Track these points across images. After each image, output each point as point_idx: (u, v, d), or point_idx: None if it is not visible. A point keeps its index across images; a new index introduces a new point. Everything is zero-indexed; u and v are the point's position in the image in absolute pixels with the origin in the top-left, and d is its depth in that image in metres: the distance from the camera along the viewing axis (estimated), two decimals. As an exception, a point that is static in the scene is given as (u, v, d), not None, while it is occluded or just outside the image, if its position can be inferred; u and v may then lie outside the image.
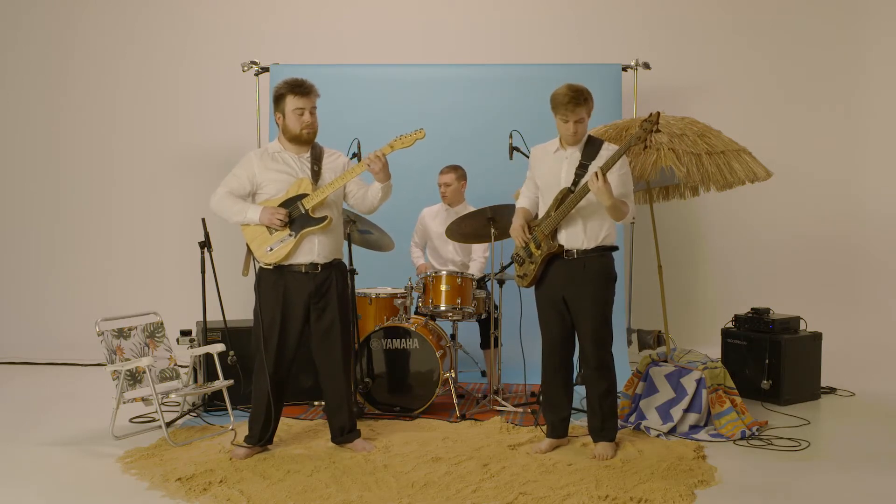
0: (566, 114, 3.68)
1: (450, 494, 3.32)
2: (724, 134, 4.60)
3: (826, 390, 5.22)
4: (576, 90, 3.67)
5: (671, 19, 7.13)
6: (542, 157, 3.91)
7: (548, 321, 3.89)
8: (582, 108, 3.68)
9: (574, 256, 3.77)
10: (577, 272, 3.76)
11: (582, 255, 3.76)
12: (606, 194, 3.56)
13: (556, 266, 3.82)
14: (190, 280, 5.44)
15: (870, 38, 7.12)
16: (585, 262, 3.76)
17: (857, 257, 7.19)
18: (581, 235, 3.76)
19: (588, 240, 3.76)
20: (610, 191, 3.56)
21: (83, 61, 7.36)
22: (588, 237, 3.76)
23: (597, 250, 3.77)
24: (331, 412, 3.99)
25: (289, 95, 3.78)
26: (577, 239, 3.77)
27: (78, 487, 3.48)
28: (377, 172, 3.79)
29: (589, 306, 3.76)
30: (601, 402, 3.85)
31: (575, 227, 3.77)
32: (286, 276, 3.82)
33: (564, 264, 3.79)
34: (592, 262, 3.76)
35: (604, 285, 3.79)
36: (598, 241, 3.77)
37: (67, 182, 7.41)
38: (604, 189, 3.54)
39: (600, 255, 3.78)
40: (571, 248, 3.77)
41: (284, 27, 7.17)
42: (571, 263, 3.78)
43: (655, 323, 6.46)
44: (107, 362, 4.22)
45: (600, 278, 3.77)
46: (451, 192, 5.34)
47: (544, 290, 3.88)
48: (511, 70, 6.46)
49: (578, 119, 3.69)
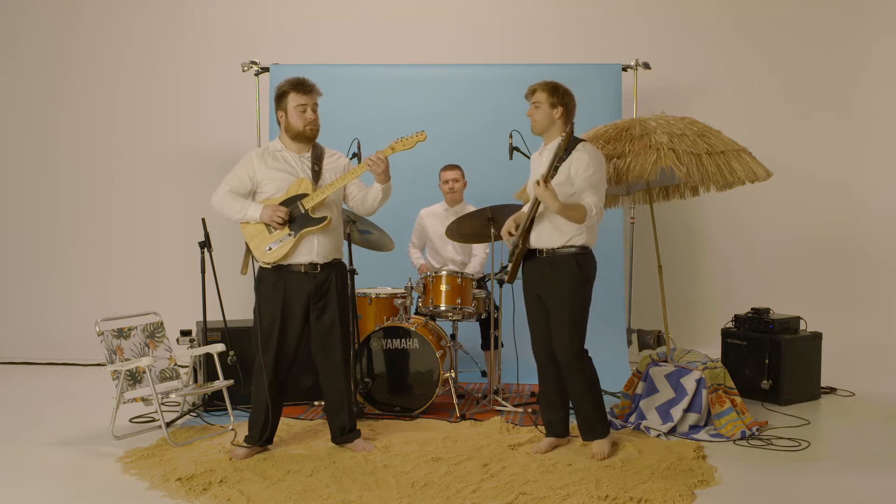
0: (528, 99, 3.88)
1: (450, 494, 3.32)
2: (724, 134, 4.59)
3: (826, 390, 5.22)
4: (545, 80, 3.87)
5: (671, 19, 7.13)
6: (534, 161, 4.00)
7: (531, 317, 3.94)
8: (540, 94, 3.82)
9: (543, 255, 3.82)
10: (546, 270, 3.81)
11: (550, 255, 3.80)
12: (550, 200, 3.59)
13: (530, 264, 3.90)
14: (190, 280, 5.45)
15: (870, 38, 7.12)
16: (553, 261, 3.79)
17: (857, 257, 7.19)
18: (547, 235, 3.80)
19: (553, 239, 3.79)
20: (553, 196, 3.58)
21: (83, 61, 7.37)
22: (553, 237, 3.79)
23: (564, 248, 3.79)
24: (331, 412, 3.99)
25: (291, 93, 3.79)
26: (543, 238, 3.81)
27: (78, 487, 3.48)
28: (379, 174, 3.80)
29: (558, 306, 3.79)
30: (581, 400, 3.85)
31: (541, 226, 3.82)
32: (286, 276, 3.82)
33: (536, 263, 3.86)
34: (560, 261, 3.78)
35: (573, 286, 3.78)
36: (564, 241, 3.78)
37: (67, 182, 7.41)
38: (546, 195, 3.58)
39: (569, 255, 3.79)
40: (541, 247, 3.82)
41: (284, 27, 7.17)
42: (542, 262, 3.83)
43: (655, 323, 6.46)
44: (107, 362, 4.22)
45: (569, 279, 3.77)
46: (459, 187, 5.35)
47: (524, 286, 3.97)
48: (511, 70, 6.47)
49: (535, 101, 3.83)
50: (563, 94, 3.84)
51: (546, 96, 3.81)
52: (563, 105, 3.83)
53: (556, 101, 3.81)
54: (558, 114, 3.82)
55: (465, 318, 4.96)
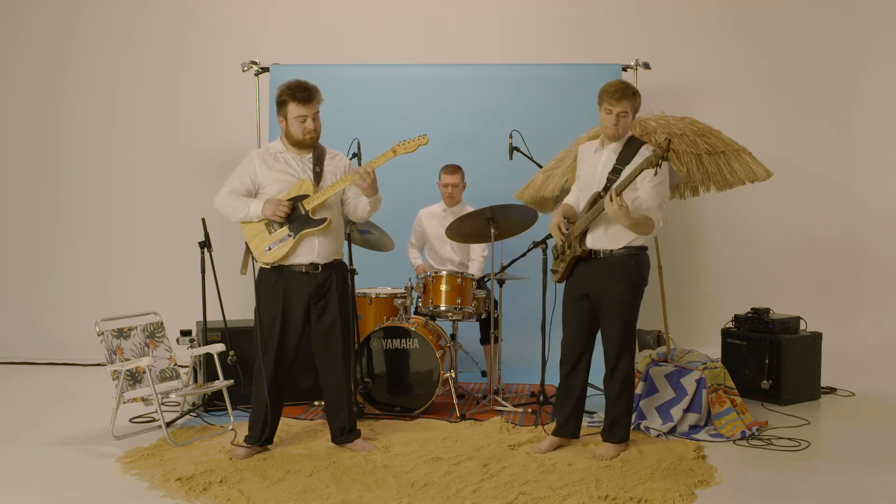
0: (611, 103, 3.68)
1: (450, 494, 3.32)
2: (724, 134, 4.59)
3: (826, 390, 5.22)
4: (625, 83, 3.72)
5: (671, 19, 7.13)
6: (585, 156, 3.93)
7: (569, 319, 3.90)
8: (627, 102, 3.67)
9: (600, 256, 3.77)
10: (602, 271, 3.76)
11: (608, 255, 3.76)
12: (622, 216, 3.53)
13: (583, 265, 3.84)
14: (190, 280, 5.44)
15: (870, 39, 7.11)
16: (611, 262, 3.75)
17: (857, 257, 7.19)
18: (606, 238, 3.75)
19: (612, 242, 3.75)
20: (626, 212, 3.52)
21: (83, 61, 7.36)
22: (613, 239, 3.75)
23: (624, 249, 3.75)
24: (331, 412, 3.99)
25: (291, 103, 3.76)
26: (602, 241, 3.77)
27: (78, 487, 3.48)
28: (365, 188, 3.77)
29: (613, 307, 3.76)
30: (615, 402, 3.85)
31: (600, 229, 3.76)
32: (286, 276, 3.82)
33: (591, 263, 3.80)
34: (618, 262, 3.74)
35: (629, 286, 3.75)
36: (624, 243, 3.75)
37: (67, 182, 7.40)
38: (618, 212, 3.51)
39: (627, 255, 3.75)
40: (598, 248, 3.78)
41: (284, 27, 7.17)
42: (598, 263, 3.78)
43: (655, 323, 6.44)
44: (107, 362, 4.22)
45: (626, 279, 3.74)
46: (458, 192, 5.35)
47: (569, 287, 3.91)
48: (511, 70, 6.46)
49: (622, 112, 3.68)
50: (638, 98, 3.75)
51: (632, 105, 3.70)
52: (638, 110, 3.77)
53: (637, 107, 3.75)
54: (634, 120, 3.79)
55: (466, 318, 4.96)
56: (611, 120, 3.71)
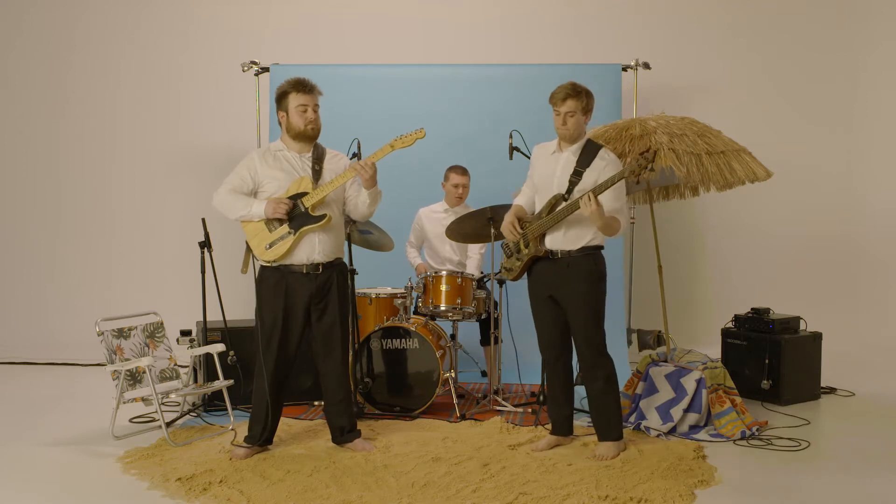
0: (557, 104, 3.75)
1: (450, 494, 3.32)
2: (724, 134, 4.59)
3: (826, 390, 5.22)
4: (573, 84, 3.76)
5: (671, 19, 7.13)
6: (540, 156, 3.96)
7: (540, 318, 3.93)
8: (573, 101, 3.71)
9: (558, 256, 3.81)
10: (561, 271, 3.80)
11: (566, 256, 3.80)
12: (598, 217, 3.60)
13: (542, 266, 3.88)
14: (190, 280, 5.44)
15: (870, 39, 7.12)
16: (569, 262, 3.79)
17: (857, 257, 7.19)
18: (564, 239, 3.80)
19: (571, 243, 3.79)
20: (602, 213, 3.60)
21: (83, 61, 7.36)
22: (571, 240, 3.79)
23: (581, 251, 3.79)
24: (331, 412, 3.99)
25: (292, 93, 3.80)
26: (561, 242, 3.81)
27: (78, 487, 3.48)
28: (366, 179, 3.80)
29: (579, 305, 3.79)
30: (601, 399, 3.86)
31: (560, 231, 3.80)
32: (287, 276, 3.82)
33: (549, 264, 3.84)
34: (577, 262, 3.78)
35: (591, 284, 3.79)
36: (582, 244, 3.79)
37: (68, 182, 7.41)
38: (596, 212, 3.58)
39: (585, 255, 3.79)
40: (556, 249, 3.81)
41: (284, 27, 7.17)
42: (556, 263, 3.82)
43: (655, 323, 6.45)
44: (107, 362, 4.22)
45: (586, 277, 3.78)
46: (466, 193, 5.36)
47: (533, 287, 3.94)
48: (511, 70, 6.46)
49: (569, 111, 3.73)
50: (589, 97, 3.79)
51: (579, 104, 3.73)
52: (590, 109, 3.80)
53: (586, 105, 3.77)
54: (587, 119, 3.81)
55: (466, 318, 4.96)
56: (559, 121, 3.78)
